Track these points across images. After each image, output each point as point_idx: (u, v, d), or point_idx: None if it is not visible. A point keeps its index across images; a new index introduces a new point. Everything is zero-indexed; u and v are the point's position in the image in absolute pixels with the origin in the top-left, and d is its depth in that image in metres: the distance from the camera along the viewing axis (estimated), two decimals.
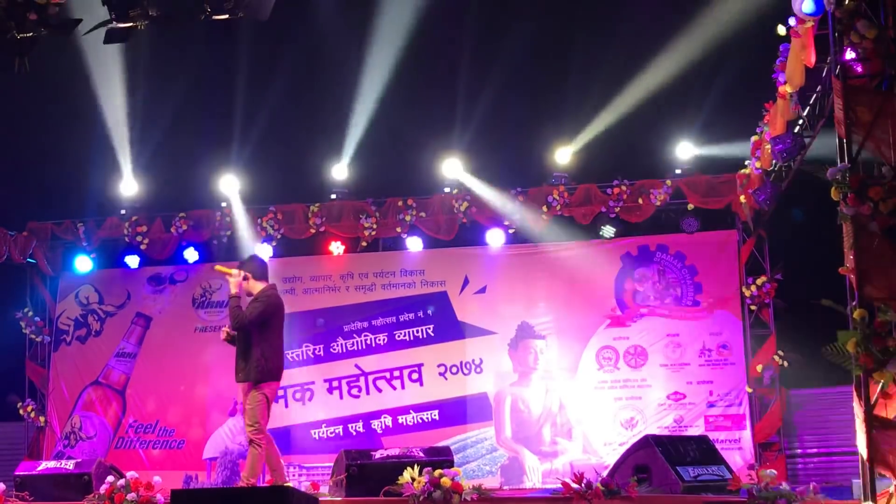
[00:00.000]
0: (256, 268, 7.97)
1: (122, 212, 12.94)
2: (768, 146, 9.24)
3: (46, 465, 7.90)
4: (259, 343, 7.73)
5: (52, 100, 11.80)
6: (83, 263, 13.13)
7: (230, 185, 12.59)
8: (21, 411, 12.96)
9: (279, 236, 12.64)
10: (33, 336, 13.18)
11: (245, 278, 7.85)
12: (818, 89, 8.57)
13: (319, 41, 12.03)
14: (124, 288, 13.22)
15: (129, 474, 7.11)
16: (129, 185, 12.85)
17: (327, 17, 11.67)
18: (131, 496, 6.89)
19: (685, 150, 11.76)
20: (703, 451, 7.24)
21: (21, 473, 7.63)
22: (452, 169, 12.17)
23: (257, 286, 7.90)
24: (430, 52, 12.32)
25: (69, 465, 7.77)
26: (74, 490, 7.33)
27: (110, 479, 7.09)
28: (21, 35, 7.14)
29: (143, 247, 12.89)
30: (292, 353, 12.57)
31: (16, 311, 13.15)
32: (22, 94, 11.35)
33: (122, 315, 13.10)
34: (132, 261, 13.10)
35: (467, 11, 11.76)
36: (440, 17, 11.56)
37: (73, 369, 13.13)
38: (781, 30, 7.80)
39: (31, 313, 13.19)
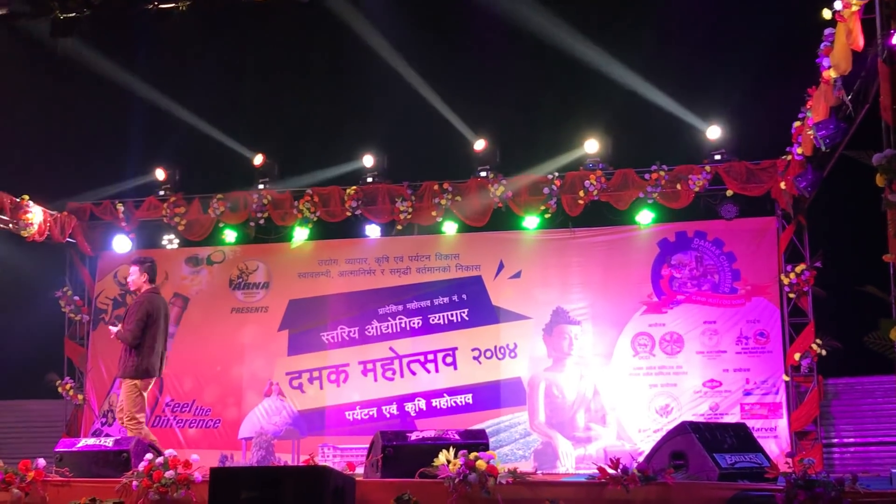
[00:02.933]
0: (153, 272, 9.12)
1: (161, 193, 13.04)
2: (810, 132, 9.12)
3: (86, 441, 7.96)
4: (140, 345, 8.75)
5: (93, 81, 11.90)
6: (122, 243, 13.24)
7: (267, 167, 12.63)
8: (60, 389, 13.13)
9: (315, 219, 12.68)
10: (72, 315, 13.34)
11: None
12: (862, 74, 8.43)
13: (358, 23, 12.02)
14: (162, 268, 13.22)
15: (168, 452, 7.16)
16: (167, 167, 12.93)
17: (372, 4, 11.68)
18: (169, 474, 6.92)
19: (724, 136, 11.65)
20: (740, 438, 7.17)
21: (61, 450, 7.70)
22: (488, 153, 12.15)
23: (144, 286, 8.98)
24: (466, 35, 12.28)
25: (108, 442, 7.82)
26: (113, 467, 7.37)
27: (149, 456, 7.14)
28: (64, 16, 7.20)
29: (180, 228, 12.98)
30: (327, 334, 12.66)
31: (55, 290, 13.32)
32: (64, 75, 11.48)
33: None
34: (170, 241, 13.20)
35: None
36: None
37: (112, 348, 13.14)
38: (827, 13, 7.68)
39: (70, 292, 13.35)
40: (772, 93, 10.88)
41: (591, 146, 11.96)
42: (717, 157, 11.67)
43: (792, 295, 11.46)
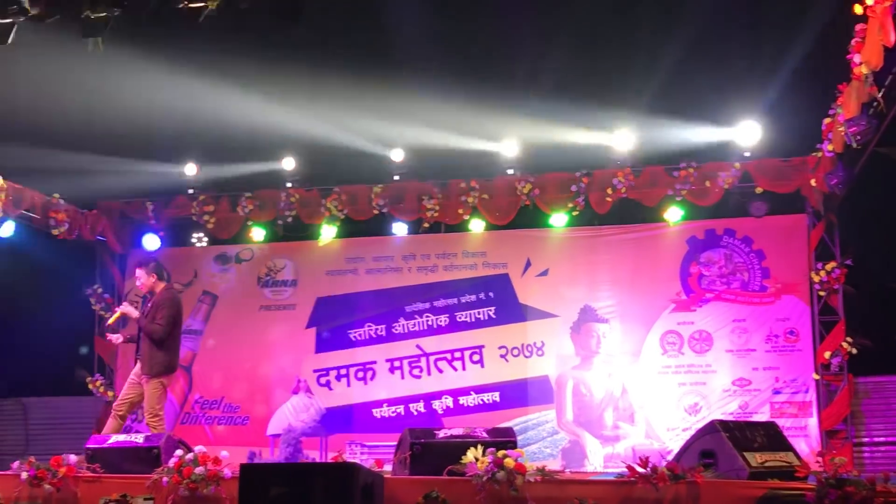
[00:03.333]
0: (161, 269, 9.28)
1: (190, 191, 13.12)
2: (841, 128, 9.04)
3: (116, 438, 8.02)
4: (168, 342, 8.98)
5: (123, 79, 11.96)
6: (151, 241, 13.33)
7: (295, 166, 12.67)
8: (90, 386, 13.24)
9: (343, 217, 12.71)
10: (102, 312, 13.44)
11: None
12: (893, 70, 8.35)
13: (384, 20, 12.01)
14: (191, 266, 13.42)
15: (197, 448, 7.20)
16: (196, 165, 13.00)
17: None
18: (199, 470, 6.97)
19: (754, 132, 11.56)
20: (770, 437, 7.12)
21: (92, 446, 7.76)
22: (514, 150, 12.11)
23: (159, 285, 9.08)
24: (492, 31, 12.23)
25: (138, 438, 7.88)
26: (144, 463, 7.43)
27: (179, 452, 7.19)
28: (94, 15, 7.24)
29: (209, 226, 13.06)
30: (355, 332, 12.70)
31: (86, 287, 13.42)
32: (92, 74, 11.55)
33: (189, 293, 13.29)
34: (198, 239, 13.29)
35: None
36: None
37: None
38: (858, 8, 7.61)
39: (100, 290, 13.46)
40: (802, 89, 10.77)
41: (621, 139, 11.87)
42: (747, 153, 11.59)
43: (822, 293, 11.37)
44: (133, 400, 9.04)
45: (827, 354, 11.14)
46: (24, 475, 7.38)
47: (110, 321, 9.45)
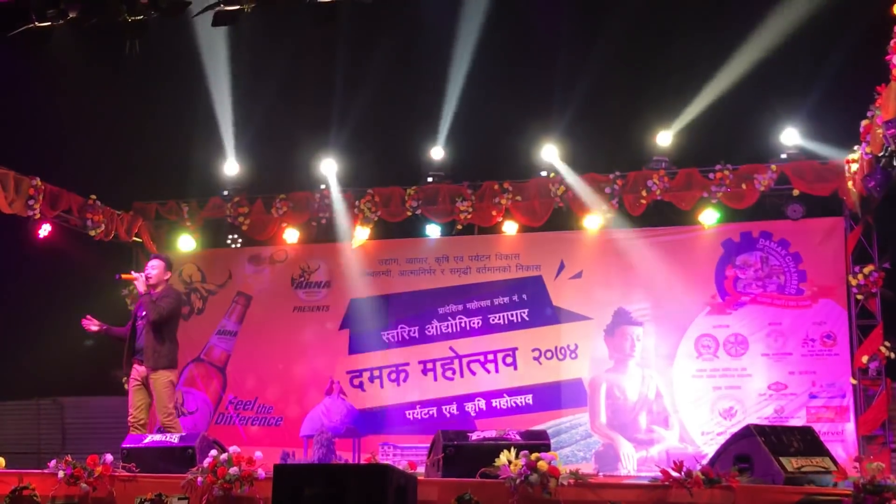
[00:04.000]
0: (172, 266, 9.55)
1: (225, 193, 13.20)
2: (879, 130, 8.91)
3: (152, 438, 8.09)
4: (170, 333, 9.00)
5: (158, 81, 12.08)
6: (186, 243, 13.43)
7: (329, 168, 12.72)
8: (126, 386, 13.31)
9: (376, 218, 12.73)
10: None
11: (147, 278, 9.13)
12: None
13: (418, 24, 12.04)
14: (226, 267, 13.49)
15: (232, 449, 7.24)
16: (231, 167, 13.08)
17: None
18: (233, 470, 7.01)
19: (791, 134, 11.46)
20: (806, 442, 7.06)
21: (128, 446, 7.84)
22: (550, 153, 12.08)
23: (163, 283, 9.19)
24: (529, 34, 12.23)
25: (174, 438, 7.95)
26: (178, 463, 7.49)
27: (213, 453, 7.23)
28: (132, 18, 7.32)
29: (244, 227, 13.12)
30: (388, 334, 12.71)
31: (121, 288, 13.52)
32: (130, 76, 11.67)
33: (223, 294, 13.39)
34: (233, 240, 13.36)
35: None
36: None
37: None
38: None
39: (135, 290, 13.51)
40: (840, 91, 10.67)
41: (664, 139, 11.80)
42: (784, 155, 11.48)
43: (860, 296, 11.23)
44: (148, 403, 9.06)
45: (864, 359, 11.00)
46: (61, 474, 7.46)
47: (124, 275, 9.41)
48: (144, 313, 9.05)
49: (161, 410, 8.85)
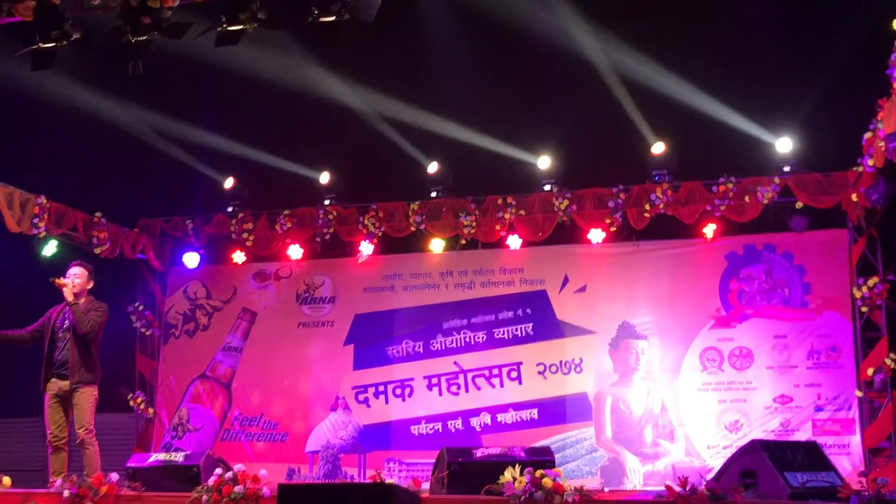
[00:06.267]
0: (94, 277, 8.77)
1: (229, 209, 13.23)
2: (882, 143, 8.95)
3: (157, 456, 8.11)
4: (95, 347, 8.46)
5: (162, 100, 12.13)
6: (191, 259, 13.46)
7: (332, 183, 12.76)
8: (131, 403, 13.37)
9: (380, 234, 12.75)
10: (143, 330, 13.57)
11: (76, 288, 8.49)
12: None
13: (423, 41, 12.07)
14: (231, 283, 13.52)
15: (237, 467, 7.26)
16: (235, 184, 13.12)
17: (431, 19, 11.69)
18: (238, 488, 7.03)
19: (793, 147, 11.47)
20: (812, 456, 7.05)
21: (133, 465, 7.87)
22: (551, 166, 12.11)
23: (85, 293, 8.64)
24: (530, 46, 12.25)
25: (178, 457, 7.97)
26: (184, 481, 7.51)
27: (218, 471, 7.25)
28: (135, 38, 7.36)
29: (248, 243, 13.15)
30: (392, 349, 12.72)
31: (127, 305, 13.55)
32: (134, 94, 11.73)
33: (228, 310, 13.42)
34: (238, 257, 13.40)
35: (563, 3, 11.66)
36: (533, 12, 11.48)
37: (182, 363, 13.48)
38: None
39: (141, 307, 13.58)
40: (842, 103, 10.68)
41: (659, 148, 11.81)
42: (787, 168, 11.48)
43: (864, 309, 11.22)
44: (66, 420, 8.39)
45: (870, 371, 10.98)
46: (66, 493, 7.48)
47: (58, 280, 8.50)
48: (68, 324, 8.42)
49: (83, 425, 8.24)
